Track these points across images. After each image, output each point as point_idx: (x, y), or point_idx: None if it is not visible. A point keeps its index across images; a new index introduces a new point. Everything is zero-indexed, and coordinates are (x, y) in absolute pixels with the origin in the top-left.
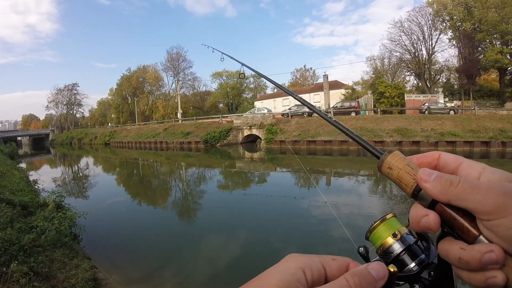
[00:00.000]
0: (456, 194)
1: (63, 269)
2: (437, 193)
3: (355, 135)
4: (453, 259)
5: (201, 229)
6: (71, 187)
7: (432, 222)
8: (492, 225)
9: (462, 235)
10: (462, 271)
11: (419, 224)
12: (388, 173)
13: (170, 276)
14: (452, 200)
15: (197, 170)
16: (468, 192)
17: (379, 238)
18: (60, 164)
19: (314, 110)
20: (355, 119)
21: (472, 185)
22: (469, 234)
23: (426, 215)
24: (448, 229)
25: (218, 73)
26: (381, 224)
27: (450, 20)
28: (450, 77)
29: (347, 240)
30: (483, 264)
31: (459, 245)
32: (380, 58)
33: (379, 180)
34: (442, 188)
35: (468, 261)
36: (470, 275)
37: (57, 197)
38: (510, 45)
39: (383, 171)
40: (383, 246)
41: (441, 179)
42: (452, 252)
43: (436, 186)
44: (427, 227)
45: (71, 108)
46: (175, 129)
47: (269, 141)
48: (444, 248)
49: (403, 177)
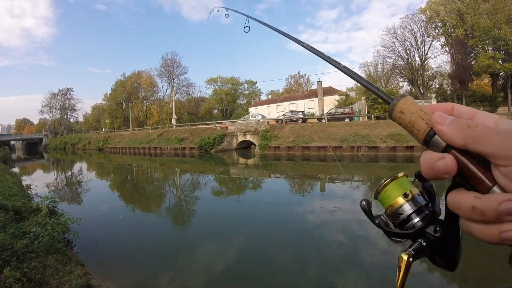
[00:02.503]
0: (474, 137)
1: (56, 275)
2: (454, 136)
3: (365, 81)
4: (465, 209)
5: (196, 236)
6: (65, 192)
7: (449, 164)
8: (510, 171)
9: (475, 185)
10: (474, 225)
11: (434, 168)
12: (400, 118)
13: (165, 284)
14: (469, 143)
15: (191, 176)
16: (487, 135)
17: (389, 198)
18: (53, 169)
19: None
20: (349, 125)
21: (492, 128)
22: (484, 184)
23: (442, 157)
24: (460, 180)
25: (212, 79)
26: (391, 182)
27: (443, 27)
28: (443, 83)
29: (342, 244)
30: (500, 214)
31: (473, 195)
32: (373, 64)
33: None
34: (459, 131)
35: (483, 211)
36: (483, 228)
37: (50, 203)
38: (502, 50)
39: (394, 115)
40: (393, 206)
41: (457, 122)
42: (464, 201)
43: (453, 129)
44: (444, 170)
45: (65, 113)
46: (170, 135)
47: (264, 147)
48: (455, 198)
49: (415, 122)
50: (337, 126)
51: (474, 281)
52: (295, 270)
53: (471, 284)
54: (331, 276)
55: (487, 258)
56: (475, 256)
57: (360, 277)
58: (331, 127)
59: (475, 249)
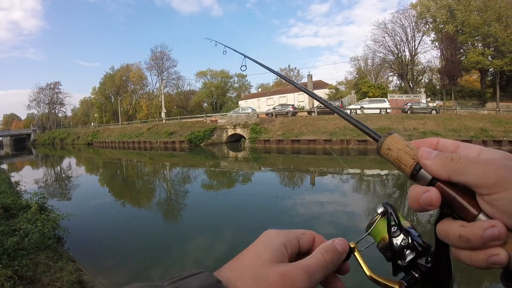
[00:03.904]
0: (457, 169)
1: (47, 272)
2: (438, 169)
3: (354, 120)
4: (453, 238)
5: (187, 230)
6: (54, 188)
7: (433, 197)
8: (494, 199)
9: (461, 214)
10: (462, 252)
11: (419, 201)
12: (387, 154)
13: (157, 278)
14: (452, 175)
15: (181, 170)
16: (469, 166)
17: (380, 233)
18: (42, 165)
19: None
20: (339, 118)
21: (473, 160)
22: (469, 212)
23: (427, 190)
24: (447, 210)
25: (202, 72)
26: (381, 218)
27: (433, 22)
28: (432, 78)
29: (332, 236)
30: (485, 240)
31: (459, 223)
32: (363, 58)
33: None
34: (442, 164)
35: (469, 238)
36: (471, 254)
37: (39, 199)
38: (492, 47)
39: (382, 152)
40: (384, 240)
41: (441, 156)
42: (451, 230)
43: (437, 163)
44: (428, 202)
45: (53, 107)
46: (159, 129)
47: (254, 141)
48: (443, 228)
49: (402, 157)
50: (327, 120)
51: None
52: None
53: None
54: None
55: None
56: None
57: (352, 269)
58: (321, 121)
59: None
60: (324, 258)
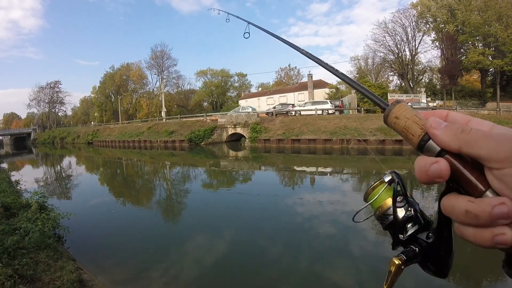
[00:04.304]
0: (468, 141)
1: (48, 271)
2: (448, 140)
3: (361, 87)
4: (459, 213)
5: (187, 229)
6: (54, 187)
7: (443, 168)
8: (504, 174)
9: (469, 189)
10: (467, 229)
11: (428, 173)
12: (395, 123)
13: (157, 277)
14: (463, 147)
15: (181, 169)
16: (481, 138)
17: (379, 200)
18: (42, 164)
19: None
20: (339, 118)
21: (486, 132)
22: (477, 188)
23: (436, 161)
24: (454, 184)
25: (202, 71)
26: (381, 184)
27: (434, 22)
28: (432, 78)
29: (332, 236)
30: (493, 218)
31: (466, 199)
32: (364, 58)
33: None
34: (453, 135)
35: (476, 214)
36: (476, 232)
37: (40, 198)
38: (492, 47)
39: (389, 121)
40: (382, 208)
41: (452, 127)
42: (458, 205)
43: (447, 133)
44: (438, 174)
45: (53, 106)
46: (159, 128)
47: (254, 140)
48: (448, 202)
49: (410, 127)
50: (327, 119)
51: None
52: (286, 261)
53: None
54: (321, 267)
55: (481, 256)
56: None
57: (350, 268)
58: (321, 120)
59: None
60: None
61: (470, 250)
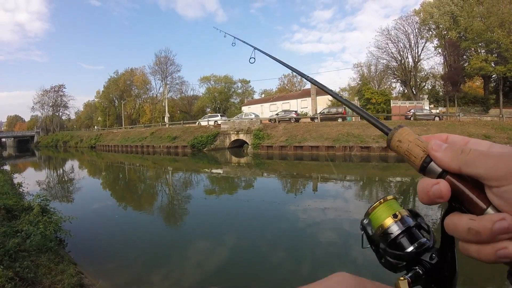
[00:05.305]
0: (467, 161)
1: (48, 275)
2: (448, 161)
3: (366, 113)
4: (462, 231)
5: (189, 234)
6: (56, 190)
7: (443, 189)
8: (503, 191)
9: (470, 207)
10: (470, 246)
11: (429, 193)
12: (398, 146)
13: (158, 281)
14: (463, 167)
15: (184, 175)
16: (480, 158)
17: (379, 218)
18: (45, 167)
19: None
20: (342, 124)
21: (484, 152)
22: (478, 206)
23: (437, 183)
24: (456, 203)
25: (206, 77)
26: (381, 204)
27: (436, 29)
28: (435, 84)
29: (333, 243)
30: (494, 233)
31: (468, 217)
32: (367, 65)
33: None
34: (453, 156)
35: (478, 231)
36: (479, 248)
37: (42, 201)
38: (495, 53)
39: (392, 145)
40: (382, 226)
41: (452, 148)
42: (461, 224)
43: (447, 155)
44: (439, 194)
45: (57, 110)
46: (162, 133)
47: (256, 146)
48: (451, 221)
49: (412, 150)
50: (330, 126)
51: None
52: (287, 268)
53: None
54: (324, 274)
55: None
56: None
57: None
58: (324, 127)
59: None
60: None
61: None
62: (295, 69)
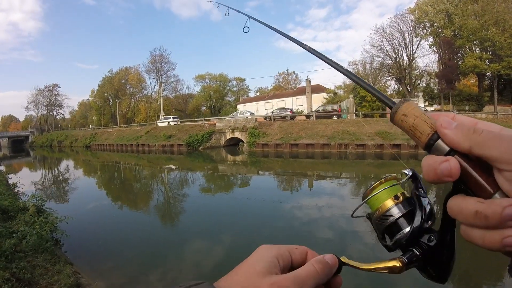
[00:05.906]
0: (480, 142)
1: (45, 275)
2: (458, 140)
3: (368, 85)
4: (467, 215)
5: (186, 233)
6: (52, 190)
7: (453, 167)
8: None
9: (477, 190)
10: (475, 231)
11: (437, 171)
12: (402, 121)
13: (155, 281)
14: (474, 147)
15: (179, 173)
16: (492, 140)
17: (378, 200)
18: (40, 167)
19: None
20: (337, 122)
21: (497, 134)
22: (486, 189)
23: (446, 160)
24: (461, 185)
25: (201, 75)
26: (381, 184)
27: (431, 27)
28: (430, 82)
29: (329, 240)
30: (504, 219)
31: (475, 200)
32: (361, 63)
33: None
34: (464, 135)
35: (486, 215)
36: (485, 234)
37: (37, 201)
38: (489, 51)
39: (397, 118)
40: (381, 209)
41: (463, 127)
42: (467, 206)
43: (458, 133)
44: (447, 172)
45: (51, 109)
46: (157, 132)
47: (252, 144)
48: (456, 203)
49: (418, 125)
50: (325, 124)
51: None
52: None
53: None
54: None
55: (480, 260)
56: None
57: (349, 272)
58: (319, 125)
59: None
60: (314, 269)
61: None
62: (292, 38)
